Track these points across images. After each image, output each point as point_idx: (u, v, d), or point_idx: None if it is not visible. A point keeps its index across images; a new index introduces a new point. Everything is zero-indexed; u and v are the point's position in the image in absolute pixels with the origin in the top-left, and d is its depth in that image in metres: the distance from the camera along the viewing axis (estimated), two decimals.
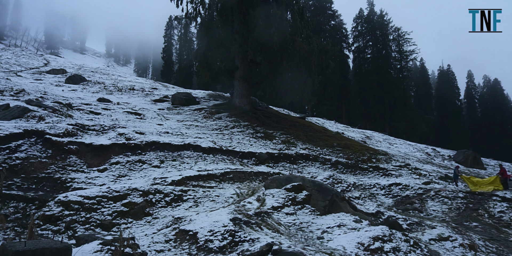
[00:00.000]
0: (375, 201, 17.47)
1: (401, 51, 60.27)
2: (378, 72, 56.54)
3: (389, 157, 24.40)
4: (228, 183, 14.83)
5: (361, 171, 21.28)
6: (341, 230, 10.02)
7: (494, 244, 12.89)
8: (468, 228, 14.45)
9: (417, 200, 17.64)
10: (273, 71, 25.61)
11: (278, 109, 35.70)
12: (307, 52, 25.19)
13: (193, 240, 8.48)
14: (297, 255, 6.82)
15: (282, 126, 25.93)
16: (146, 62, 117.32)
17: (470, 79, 76.19)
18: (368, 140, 32.82)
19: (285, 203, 11.43)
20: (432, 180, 21.00)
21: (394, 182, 19.46)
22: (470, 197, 17.92)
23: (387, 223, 11.37)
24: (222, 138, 20.57)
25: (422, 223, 13.65)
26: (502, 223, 15.56)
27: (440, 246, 11.71)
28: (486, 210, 16.62)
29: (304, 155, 20.96)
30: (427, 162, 27.70)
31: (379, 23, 61.19)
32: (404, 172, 21.72)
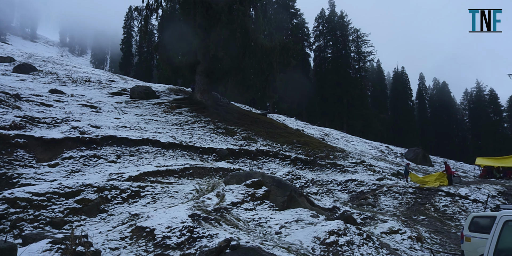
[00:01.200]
0: (332, 196, 18.03)
1: (360, 52, 62.38)
2: (337, 71, 58.14)
3: (346, 154, 25.24)
4: (188, 179, 14.65)
5: (319, 168, 21.85)
6: (298, 225, 10.25)
7: (438, 236, 13.78)
8: (416, 221, 15.32)
9: (371, 196, 18.43)
10: (235, 67, 25.54)
11: (240, 105, 35.72)
12: (269, 49, 25.37)
13: (150, 237, 8.30)
14: (255, 250, 6.89)
15: (243, 122, 25.98)
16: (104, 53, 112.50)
17: (421, 81, 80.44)
18: (326, 138, 33.73)
19: (244, 198, 11.49)
20: (385, 176, 22.02)
21: (350, 178, 20.18)
22: (418, 193, 19.00)
23: (342, 217, 11.79)
24: (182, 133, 20.25)
25: (375, 217, 14.29)
26: (446, 216, 16.66)
27: (391, 239, 12.33)
28: (432, 204, 17.70)
29: (265, 151, 21.16)
30: (381, 159, 28.98)
31: (340, 24, 62.84)
32: (360, 169, 22.58)
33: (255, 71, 26.05)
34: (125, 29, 67.77)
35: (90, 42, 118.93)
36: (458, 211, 17.09)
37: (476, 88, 78.14)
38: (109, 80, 32.41)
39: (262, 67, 25.81)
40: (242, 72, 25.62)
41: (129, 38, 67.92)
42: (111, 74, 40.33)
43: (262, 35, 26.08)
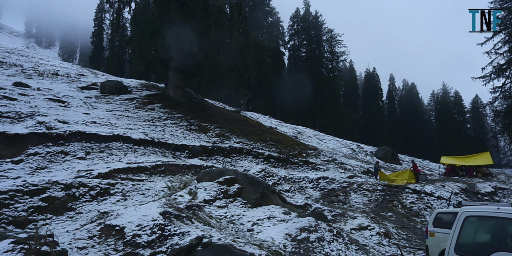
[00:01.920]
0: (303, 193, 18.28)
1: (333, 51, 63.40)
2: (311, 70, 58.87)
3: (318, 152, 25.64)
4: (160, 176, 14.43)
5: (292, 165, 22.08)
6: (270, 222, 10.33)
7: (405, 232, 14.29)
8: (384, 217, 15.81)
9: (342, 193, 18.83)
10: (210, 64, 25.32)
11: (214, 102, 35.49)
12: (244, 46, 25.32)
13: (119, 236, 8.11)
14: (227, 248, 6.88)
15: (217, 119, 25.84)
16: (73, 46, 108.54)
17: (391, 82, 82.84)
18: (299, 136, 34.12)
19: (217, 196, 11.45)
20: (356, 174, 22.55)
21: (322, 176, 20.53)
22: (387, 190, 19.59)
23: (313, 214, 11.98)
24: (155, 130, 19.90)
25: (345, 214, 14.63)
26: (412, 213, 17.28)
27: (360, 235, 12.67)
28: (400, 201, 18.31)
29: (238, 148, 21.15)
30: (352, 157, 29.65)
31: (314, 23, 63.58)
32: (331, 167, 23.00)
33: (229, 68, 25.94)
34: (96, 22, 65.64)
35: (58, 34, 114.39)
36: (424, 207, 17.77)
37: (442, 90, 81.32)
38: (78, 74, 31.31)
39: (237, 65, 25.73)
40: (217, 69, 25.43)
41: (100, 31, 65.86)
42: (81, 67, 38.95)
43: (237, 32, 25.98)
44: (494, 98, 47.07)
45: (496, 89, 46.13)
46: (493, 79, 45.65)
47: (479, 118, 77.45)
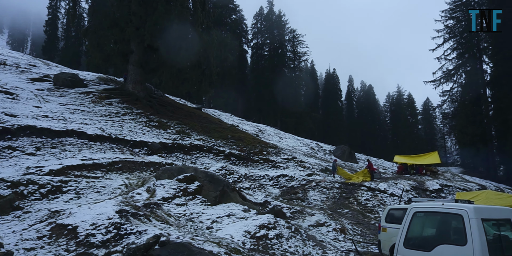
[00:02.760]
0: (263, 191, 18.46)
1: (295, 51, 64.42)
2: (273, 69, 59.46)
3: (278, 150, 25.98)
4: (117, 173, 13.95)
5: (253, 163, 22.22)
6: (230, 220, 10.34)
7: (359, 227, 14.87)
8: (340, 214, 16.35)
9: (301, 190, 19.23)
10: (171, 59, 24.79)
11: (175, 98, 34.82)
12: (207, 43, 25.06)
13: (72, 235, 7.76)
14: (185, 246, 6.81)
15: (177, 115, 25.39)
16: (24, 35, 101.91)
17: (350, 83, 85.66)
18: (260, 134, 34.38)
19: (176, 193, 11.27)
20: (314, 172, 23.11)
21: (282, 173, 20.84)
22: (344, 187, 20.28)
23: (272, 212, 12.14)
24: (112, 125, 19.20)
25: (304, 211, 14.96)
26: (367, 209, 18.02)
27: (317, 231, 13.01)
28: (355, 198, 19.02)
29: (199, 146, 20.93)
30: (311, 155, 30.34)
31: (277, 23, 64.19)
32: (291, 165, 23.40)
33: (191, 64, 25.54)
34: (50, 10, 62.03)
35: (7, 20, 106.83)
36: (378, 204, 18.59)
37: (397, 92, 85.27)
38: (29, 64, 29.44)
39: (199, 61, 25.40)
40: (178, 64, 24.94)
41: (54, 20, 62.32)
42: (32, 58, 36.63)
43: (200, 28, 25.64)
44: (443, 101, 50.16)
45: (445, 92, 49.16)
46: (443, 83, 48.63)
47: (430, 120, 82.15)
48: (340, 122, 74.15)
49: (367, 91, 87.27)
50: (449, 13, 49.29)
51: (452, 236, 5.38)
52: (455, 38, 48.74)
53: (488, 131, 45.23)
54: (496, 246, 5.19)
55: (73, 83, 25.18)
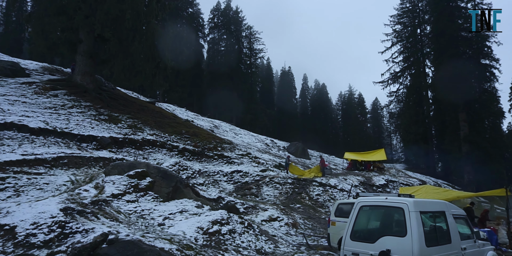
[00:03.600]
0: (217, 187, 18.41)
1: (252, 48, 64.69)
2: (230, 65, 59.26)
3: (233, 146, 26.00)
4: (62, 169, 13.20)
5: (207, 159, 22.05)
6: (182, 216, 10.21)
7: (311, 222, 15.34)
8: (293, 209, 16.75)
9: (255, 186, 19.43)
10: (124, 51, 23.80)
11: (127, 92, 33.54)
12: (162, 35, 24.35)
13: (9, 236, 7.22)
14: (135, 243, 6.62)
15: (129, 109, 24.50)
16: None
17: (305, 81, 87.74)
18: (216, 129, 34.18)
19: (126, 190, 10.91)
20: (268, 168, 23.43)
21: (236, 169, 20.91)
22: (296, 183, 20.78)
23: (226, 207, 12.17)
24: (57, 119, 18.10)
25: (257, 206, 15.13)
26: (318, 204, 18.63)
27: (270, 226, 13.23)
28: (307, 193, 19.58)
29: (151, 141, 20.38)
30: (265, 151, 30.71)
31: (234, 18, 63.99)
32: (246, 161, 23.53)
33: (145, 56, 24.68)
34: None
35: None
36: (328, 199, 19.28)
37: (348, 92, 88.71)
38: None
39: (153, 53, 24.62)
40: (131, 56, 23.99)
41: None
42: None
43: (155, 20, 24.84)
44: (390, 101, 52.98)
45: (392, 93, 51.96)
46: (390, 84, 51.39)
47: (378, 119, 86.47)
48: (294, 119, 75.76)
49: (320, 90, 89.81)
50: (397, 19, 52.05)
51: (394, 228, 5.73)
52: (402, 42, 51.61)
53: (429, 131, 48.57)
54: (432, 236, 5.63)
55: (13, 72, 23.36)
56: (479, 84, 42.70)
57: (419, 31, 50.85)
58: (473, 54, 42.88)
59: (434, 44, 45.78)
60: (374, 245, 5.53)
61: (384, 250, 5.29)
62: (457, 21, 43.25)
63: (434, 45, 45.80)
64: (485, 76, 42.58)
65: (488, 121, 42.90)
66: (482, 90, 42.66)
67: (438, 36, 43.81)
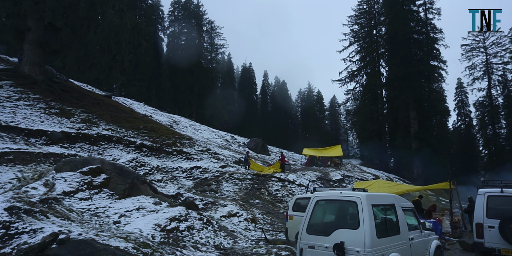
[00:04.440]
0: (176, 183, 18.13)
1: (213, 43, 64.06)
2: (190, 60, 58.28)
3: (193, 142, 25.69)
4: (7, 166, 12.37)
5: (166, 155, 21.63)
6: (139, 213, 9.96)
7: (269, 217, 15.56)
8: (252, 204, 16.89)
9: (214, 182, 19.35)
10: (77, 41, 22.61)
11: (81, 84, 31.98)
12: (119, 26, 23.37)
13: None
14: (88, 243, 6.37)
15: (83, 103, 23.40)
16: None
17: (265, 78, 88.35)
18: (175, 125, 33.57)
19: (79, 187, 10.44)
20: (228, 164, 23.42)
21: (196, 165, 20.70)
22: (256, 179, 20.95)
23: (184, 204, 12.02)
24: (2, 112, 16.91)
25: (216, 202, 15.09)
26: (277, 199, 18.92)
27: (229, 222, 13.26)
28: (266, 189, 19.81)
29: (107, 136, 19.63)
30: (225, 147, 30.65)
31: (195, 12, 62.95)
32: (205, 156, 23.36)
33: (101, 48, 23.60)
34: None
35: None
36: (287, 194, 19.64)
37: (307, 89, 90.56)
38: None
39: (110, 45, 23.59)
40: (85, 47, 22.82)
41: None
42: None
43: (112, 10, 23.78)
44: (347, 99, 54.85)
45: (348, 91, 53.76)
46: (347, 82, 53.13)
47: (335, 116, 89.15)
48: (255, 115, 76.21)
49: (280, 87, 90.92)
50: (354, 19, 53.78)
51: (348, 221, 5.97)
52: (359, 42, 53.45)
53: (383, 128, 50.85)
54: (382, 228, 5.93)
55: None
56: (428, 84, 45.27)
57: (375, 32, 52.87)
58: (423, 55, 45.38)
59: (388, 45, 47.86)
60: (329, 238, 5.72)
61: (338, 243, 5.49)
62: (409, 23, 45.49)
63: (388, 46, 47.88)
64: (434, 76, 45.22)
65: (435, 119, 45.62)
66: (430, 90, 45.30)
67: (392, 37, 45.84)
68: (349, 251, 5.43)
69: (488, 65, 53.31)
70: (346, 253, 5.43)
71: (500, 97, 53.19)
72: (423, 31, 45.89)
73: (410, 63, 43.62)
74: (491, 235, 8.11)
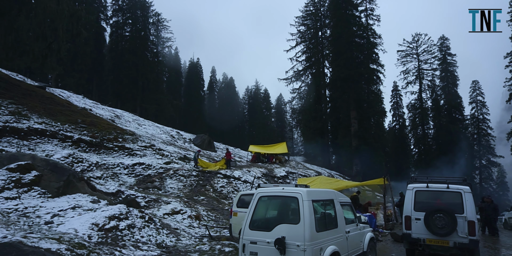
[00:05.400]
0: (117, 180, 17.38)
1: (159, 36, 62.03)
2: (135, 52, 55.97)
3: (136, 137, 24.77)
4: None
5: (106, 150, 20.63)
6: (75, 212, 9.41)
7: (214, 213, 15.51)
8: (197, 201, 16.71)
9: (158, 179, 18.84)
10: (6, 26, 20.64)
11: (10, 73, 29.27)
12: (55, 12, 21.72)
13: None
14: (14, 246, 5.87)
15: (12, 94, 21.48)
16: None
17: (213, 74, 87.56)
18: (117, 119, 32.08)
19: (5, 186, 9.60)
20: (173, 160, 22.92)
21: (138, 161, 19.99)
22: (201, 175, 20.76)
23: (125, 201, 11.57)
24: None
25: (160, 199, 14.71)
26: (222, 196, 18.90)
27: (173, 219, 13.00)
28: (212, 185, 19.72)
29: (40, 130, 18.23)
30: (170, 143, 29.93)
31: (141, 3, 60.45)
32: (149, 152, 22.64)
33: (34, 35, 21.78)
34: None
35: None
36: (232, 190, 19.70)
37: (255, 86, 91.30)
38: None
39: (44, 32, 21.86)
40: (16, 32, 20.92)
41: None
42: None
43: None
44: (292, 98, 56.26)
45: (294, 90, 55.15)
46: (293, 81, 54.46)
47: (281, 114, 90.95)
48: (202, 111, 75.26)
49: (228, 83, 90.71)
50: (301, 20, 55.19)
51: (290, 216, 6.13)
52: (305, 42, 54.96)
53: (326, 126, 52.92)
54: (322, 222, 6.19)
55: None
56: (367, 86, 47.88)
57: (320, 34, 54.68)
58: (364, 59, 47.94)
59: (333, 47, 49.82)
60: (271, 233, 5.84)
61: (279, 237, 5.62)
62: (352, 28, 47.72)
63: (333, 48, 49.85)
64: (373, 79, 47.93)
65: (373, 119, 48.42)
66: (370, 92, 47.97)
67: (336, 40, 47.78)
68: (289, 245, 5.58)
69: (420, 71, 57.70)
70: (287, 248, 5.58)
71: (429, 100, 57.88)
72: (364, 35, 48.41)
73: (352, 65, 45.84)
74: (417, 226, 8.81)
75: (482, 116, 59.55)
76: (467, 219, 8.32)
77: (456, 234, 8.31)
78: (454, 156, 46.04)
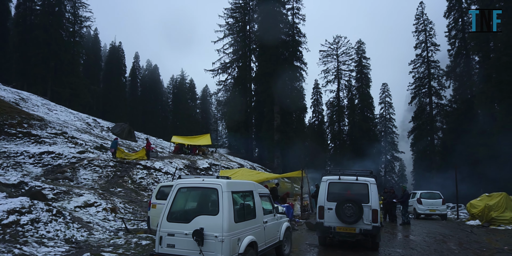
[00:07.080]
0: (20, 170, 15.74)
1: (76, 14, 56.80)
2: (47, 29, 50.49)
3: (45, 124, 22.59)
4: None
5: (8, 137, 18.52)
6: None
7: (132, 205, 14.91)
8: (113, 193, 15.88)
9: (69, 169, 17.48)
10: None
11: None
12: None
13: None
14: None
15: None
16: None
17: (136, 60, 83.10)
18: (23, 103, 28.85)
19: None
20: (88, 149, 21.42)
21: (47, 150, 18.34)
22: (119, 166, 19.75)
23: (29, 193, 10.54)
24: None
25: (71, 191, 13.68)
26: (141, 187, 18.24)
27: (85, 212, 12.22)
28: (130, 177, 18.90)
29: None
30: (86, 131, 27.88)
31: None
32: (60, 140, 20.87)
33: None
34: None
35: None
36: (152, 182, 19.12)
37: (180, 76, 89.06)
38: None
39: None
40: None
41: None
42: None
43: None
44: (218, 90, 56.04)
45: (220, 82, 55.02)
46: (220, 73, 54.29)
47: (207, 105, 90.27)
48: (122, 98, 71.24)
49: (152, 71, 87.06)
50: (230, 12, 55.03)
51: (210, 208, 6.18)
52: (233, 35, 54.99)
53: (250, 120, 53.93)
54: (241, 213, 6.35)
55: None
56: (291, 82, 49.78)
57: (248, 28, 55.14)
58: (289, 56, 49.70)
59: (260, 42, 50.69)
60: (189, 225, 5.83)
61: (197, 229, 5.64)
62: (279, 25, 49.02)
63: (259, 42, 50.72)
64: (296, 76, 49.99)
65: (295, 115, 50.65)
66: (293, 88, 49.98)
67: (263, 35, 48.68)
68: (208, 236, 5.64)
69: (338, 71, 61.70)
70: (205, 239, 5.62)
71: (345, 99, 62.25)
72: (290, 33, 50.06)
73: (277, 61, 47.20)
74: (329, 215, 9.55)
75: (389, 115, 66.07)
76: (371, 208, 9.24)
77: (362, 222, 9.20)
78: (365, 151, 50.33)
